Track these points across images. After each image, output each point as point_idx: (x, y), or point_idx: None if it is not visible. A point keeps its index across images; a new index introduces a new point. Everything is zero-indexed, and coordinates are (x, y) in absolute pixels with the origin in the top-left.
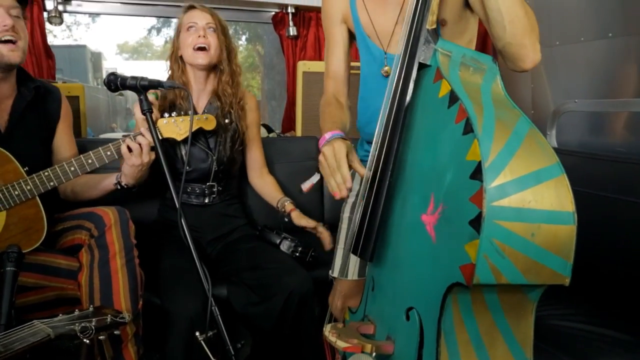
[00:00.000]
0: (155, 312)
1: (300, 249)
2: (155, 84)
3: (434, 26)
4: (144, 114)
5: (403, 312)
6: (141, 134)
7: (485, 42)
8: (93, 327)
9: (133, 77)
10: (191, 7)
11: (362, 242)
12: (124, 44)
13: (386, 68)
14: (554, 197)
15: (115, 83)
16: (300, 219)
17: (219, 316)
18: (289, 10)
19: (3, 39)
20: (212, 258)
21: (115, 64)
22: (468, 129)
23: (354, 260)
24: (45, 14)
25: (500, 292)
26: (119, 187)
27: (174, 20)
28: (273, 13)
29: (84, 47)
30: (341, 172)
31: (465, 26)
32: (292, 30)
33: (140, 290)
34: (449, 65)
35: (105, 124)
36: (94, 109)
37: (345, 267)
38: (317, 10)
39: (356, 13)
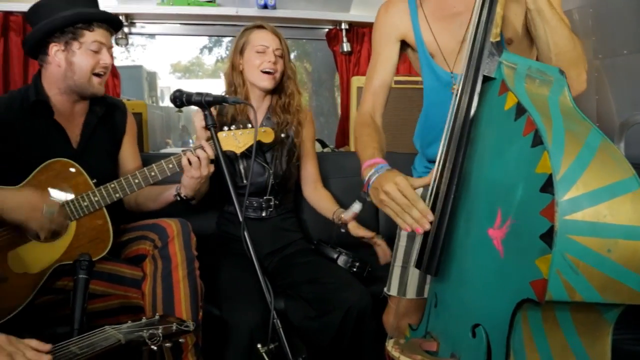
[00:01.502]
0: (214, 324)
1: (357, 264)
2: (219, 100)
3: (498, 39)
4: (208, 128)
5: (469, 329)
6: (201, 147)
7: None
8: (160, 335)
9: (198, 94)
10: (261, 27)
11: (427, 257)
12: (176, 63)
13: (455, 86)
14: (631, 211)
15: (181, 99)
16: (357, 230)
17: (280, 329)
18: (343, 26)
19: (99, 73)
20: (269, 271)
21: (169, 82)
22: (537, 141)
23: (413, 279)
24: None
25: (573, 310)
26: (178, 198)
27: (225, 40)
28: (327, 30)
29: (140, 67)
30: (418, 207)
31: (528, 44)
32: (346, 47)
33: (200, 301)
34: (514, 78)
35: (160, 140)
36: (150, 126)
37: (404, 285)
38: (370, 26)
39: (419, 32)
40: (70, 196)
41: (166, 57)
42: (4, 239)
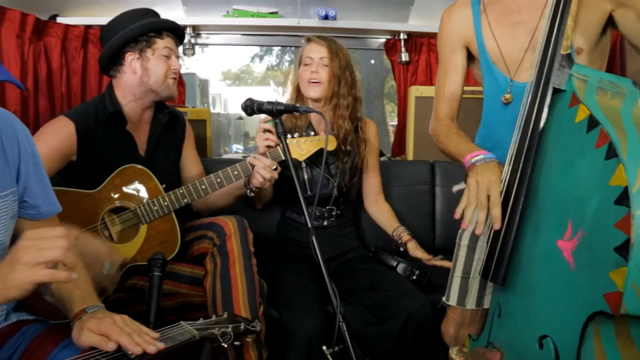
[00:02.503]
0: (274, 325)
1: (417, 272)
2: (290, 109)
3: (569, 51)
4: (278, 136)
5: (535, 340)
6: (264, 154)
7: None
8: (231, 333)
9: (269, 102)
10: (309, 40)
11: (494, 267)
12: (227, 71)
13: (507, 96)
14: None
15: (252, 107)
16: (416, 251)
17: (346, 332)
18: (402, 36)
19: (172, 77)
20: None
21: (219, 90)
22: (611, 153)
23: (473, 290)
24: (180, 47)
25: None
26: (250, 193)
27: (276, 48)
28: (385, 40)
29: (193, 74)
30: (493, 213)
31: (599, 53)
32: (404, 56)
33: (259, 297)
34: (585, 90)
35: (214, 145)
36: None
37: (463, 295)
38: (428, 35)
39: (482, 38)
40: (142, 200)
41: (218, 65)
42: None
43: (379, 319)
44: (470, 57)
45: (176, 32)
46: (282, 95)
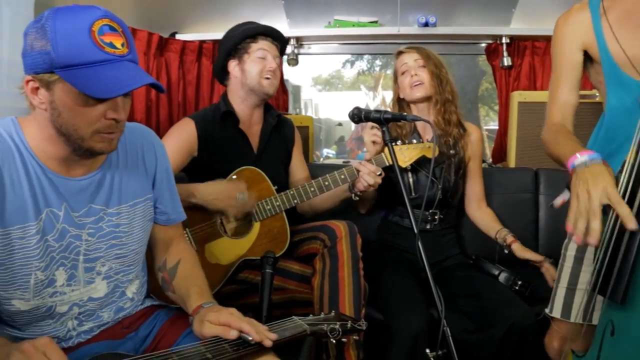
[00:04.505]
0: (375, 326)
1: (519, 282)
2: (398, 118)
3: None
4: (385, 143)
5: None
6: (370, 160)
7: None
8: (339, 330)
9: (377, 111)
10: (399, 53)
11: (613, 283)
12: (317, 77)
13: None
14: None
15: (359, 116)
16: (523, 252)
17: (450, 337)
18: (504, 40)
19: (266, 77)
20: (427, 281)
21: (310, 95)
22: None
23: (579, 303)
24: (285, 57)
25: None
26: (354, 197)
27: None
28: (486, 44)
29: (286, 81)
30: (621, 212)
31: None
32: (506, 61)
33: (363, 300)
34: None
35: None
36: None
37: (568, 308)
38: (532, 39)
39: (604, 42)
40: (256, 199)
41: (309, 70)
42: (203, 233)
43: (479, 327)
44: (587, 61)
45: (271, 34)
46: (372, 99)
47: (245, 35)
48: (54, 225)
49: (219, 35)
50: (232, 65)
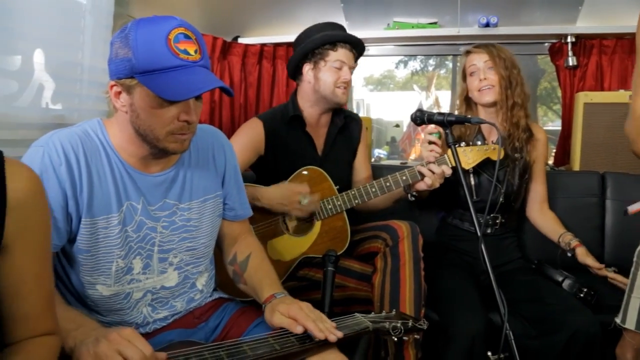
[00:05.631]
0: (432, 327)
1: (584, 289)
2: (462, 120)
3: None
4: (448, 145)
5: None
6: (432, 162)
7: None
8: (401, 328)
9: (440, 114)
10: (468, 52)
11: None
12: (369, 76)
13: None
14: None
15: (422, 118)
16: (585, 257)
17: (513, 340)
18: (569, 39)
19: (340, 86)
20: (485, 285)
21: (362, 95)
22: None
23: None
24: None
25: None
26: (411, 197)
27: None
28: (549, 44)
29: None
30: None
31: None
32: (571, 60)
33: (422, 300)
34: None
35: None
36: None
37: None
38: (600, 37)
39: None
40: (318, 199)
41: (361, 70)
42: (266, 230)
43: (541, 333)
44: None
45: (352, 43)
46: (425, 99)
47: (324, 42)
48: (133, 217)
49: (279, 38)
50: (307, 69)
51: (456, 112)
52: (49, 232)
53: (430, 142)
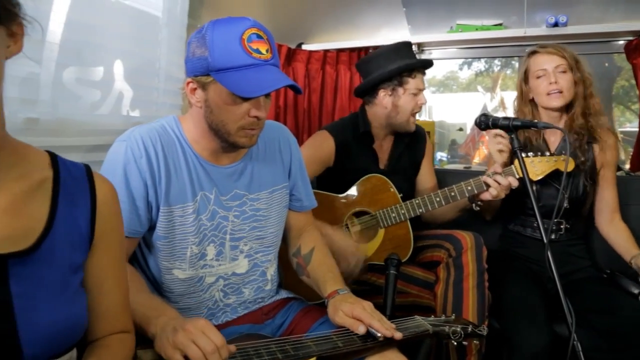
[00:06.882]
0: (496, 336)
1: None
2: (528, 125)
3: None
4: (514, 152)
5: None
6: (499, 173)
7: None
8: (461, 332)
9: (505, 118)
10: (534, 52)
11: None
12: (431, 78)
13: None
14: None
15: (487, 123)
16: None
17: (580, 352)
18: None
19: (416, 112)
20: (552, 294)
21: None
22: None
23: None
24: None
25: None
26: (475, 207)
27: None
28: (625, 42)
29: None
30: None
31: None
32: None
33: (486, 311)
34: None
35: None
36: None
37: None
38: None
39: None
40: (381, 207)
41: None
42: None
43: (613, 347)
44: None
45: (424, 67)
46: (490, 101)
47: (404, 70)
48: (207, 207)
49: (342, 44)
50: (382, 94)
51: (512, 115)
52: (124, 236)
53: (496, 135)
